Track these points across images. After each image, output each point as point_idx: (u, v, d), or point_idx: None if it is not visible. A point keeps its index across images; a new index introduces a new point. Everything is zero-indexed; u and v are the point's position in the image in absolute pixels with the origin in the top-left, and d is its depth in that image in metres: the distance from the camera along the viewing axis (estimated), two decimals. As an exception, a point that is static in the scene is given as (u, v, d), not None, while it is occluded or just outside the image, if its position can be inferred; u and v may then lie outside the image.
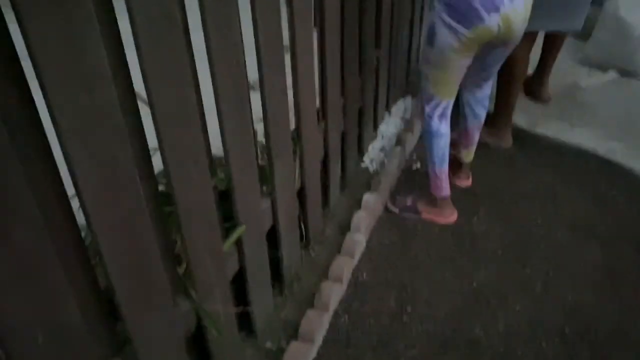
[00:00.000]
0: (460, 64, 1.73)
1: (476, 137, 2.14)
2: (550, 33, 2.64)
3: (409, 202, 2.10)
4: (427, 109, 1.89)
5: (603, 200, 2.21)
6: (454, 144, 2.13)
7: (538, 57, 2.78)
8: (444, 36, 1.65)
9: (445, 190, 2.01)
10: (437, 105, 1.86)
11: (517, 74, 2.35)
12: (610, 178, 2.34)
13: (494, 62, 1.87)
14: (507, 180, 2.34)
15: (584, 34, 3.07)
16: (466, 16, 1.58)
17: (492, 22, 1.59)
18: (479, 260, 1.92)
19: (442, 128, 1.90)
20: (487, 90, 2.04)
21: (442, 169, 1.96)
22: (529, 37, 2.14)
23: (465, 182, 2.28)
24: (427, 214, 2.07)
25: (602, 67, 3.21)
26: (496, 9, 1.57)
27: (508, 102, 2.46)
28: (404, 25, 2.61)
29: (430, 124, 1.90)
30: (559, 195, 2.24)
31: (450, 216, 2.07)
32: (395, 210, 2.11)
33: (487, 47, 1.72)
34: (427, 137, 1.95)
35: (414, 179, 2.33)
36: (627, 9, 3.00)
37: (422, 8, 2.87)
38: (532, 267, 1.88)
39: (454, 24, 1.61)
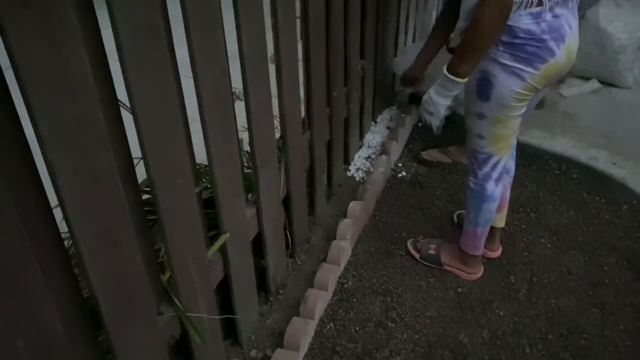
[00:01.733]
0: (521, 112, 1.49)
1: (508, 196, 1.87)
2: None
3: (432, 250, 1.91)
4: (483, 171, 1.61)
5: (585, 208, 2.25)
6: None
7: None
8: (505, 84, 1.40)
9: (481, 249, 1.81)
10: (495, 166, 1.60)
11: None
12: (593, 185, 2.38)
13: (534, 101, 1.61)
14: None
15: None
16: (535, 54, 1.35)
17: (561, 54, 1.37)
18: (464, 267, 1.93)
19: (497, 191, 1.66)
20: (515, 139, 1.69)
21: (485, 231, 1.76)
22: None
23: (495, 253, 1.96)
24: (451, 267, 1.89)
25: (584, 77, 3.27)
26: (562, 39, 1.36)
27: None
28: (389, 35, 2.64)
29: (486, 187, 1.64)
30: (542, 202, 2.27)
31: (477, 273, 1.87)
32: (416, 255, 1.94)
33: None
34: (477, 199, 1.68)
35: (400, 188, 2.34)
36: (606, 20, 3.06)
37: (407, 18, 2.91)
38: (516, 275, 1.90)
39: (519, 66, 1.36)
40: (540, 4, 1.31)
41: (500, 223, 1.90)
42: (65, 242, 0.89)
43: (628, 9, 3.07)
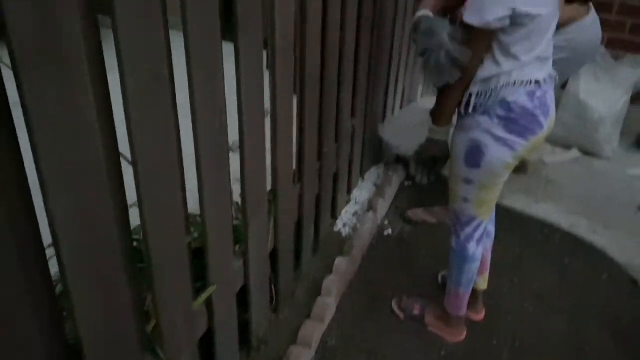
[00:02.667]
0: (505, 179, 1.56)
1: (489, 258, 1.90)
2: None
3: (416, 310, 1.93)
4: (465, 231, 1.66)
5: (567, 273, 2.27)
6: None
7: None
8: (496, 154, 1.45)
9: (464, 309, 1.83)
10: (478, 227, 1.65)
11: None
12: (575, 252, 2.42)
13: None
14: (475, 250, 2.38)
15: (548, 114, 3.24)
16: (527, 127, 1.43)
17: (546, 127, 1.47)
18: (448, 329, 1.92)
19: (478, 252, 1.70)
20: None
21: (468, 291, 1.78)
22: None
23: (479, 315, 1.97)
24: (434, 328, 1.89)
25: (566, 145, 3.38)
26: (548, 113, 1.46)
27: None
28: (379, 96, 2.73)
29: (467, 248, 1.68)
30: (525, 266, 2.30)
31: (460, 334, 1.87)
32: (400, 314, 1.95)
33: None
34: (459, 260, 1.71)
35: (386, 245, 2.35)
36: (587, 93, 3.20)
37: (397, 80, 3.02)
38: (499, 338, 1.89)
39: (512, 138, 1.43)
40: (537, 83, 1.41)
41: (483, 285, 1.91)
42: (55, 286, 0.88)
43: (607, 84, 3.21)
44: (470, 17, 1.34)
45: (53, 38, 0.71)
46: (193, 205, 1.25)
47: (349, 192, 2.57)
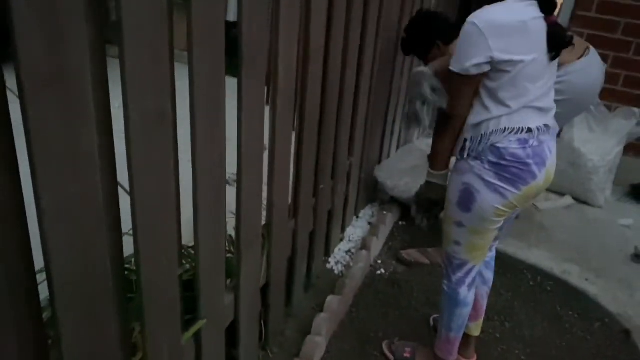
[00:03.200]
0: (499, 225, 1.55)
1: (485, 305, 1.86)
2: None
3: (407, 353, 1.90)
4: (457, 276, 1.65)
5: (559, 322, 2.26)
6: None
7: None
8: (487, 200, 1.45)
9: (454, 354, 1.80)
10: (469, 272, 1.63)
11: None
12: (566, 299, 2.41)
13: (513, 217, 1.69)
14: (467, 294, 2.37)
15: (542, 160, 3.28)
16: (519, 176, 1.42)
17: (541, 177, 1.45)
18: (438, 373, 1.89)
19: (470, 297, 1.68)
20: (494, 250, 1.82)
21: (458, 336, 1.76)
22: None
23: None
24: None
25: (559, 192, 3.41)
26: (544, 163, 1.45)
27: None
28: (376, 135, 2.76)
29: (459, 292, 1.66)
30: (517, 312, 2.28)
31: None
32: (390, 357, 1.92)
33: None
34: (449, 304, 1.69)
35: (378, 285, 2.34)
36: (581, 141, 3.25)
37: (394, 121, 3.06)
38: (490, 385, 1.87)
39: (503, 185, 1.43)
40: (529, 131, 1.42)
41: (476, 332, 1.88)
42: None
43: (600, 133, 3.27)
44: (453, 64, 1.42)
45: (61, 67, 0.72)
46: (187, 237, 1.25)
47: (343, 229, 2.57)
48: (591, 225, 3.13)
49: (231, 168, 1.34)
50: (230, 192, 1.35)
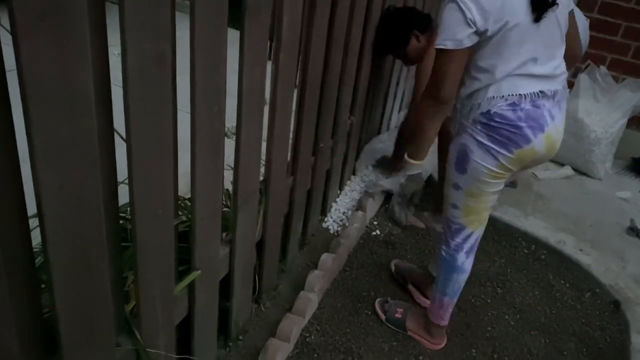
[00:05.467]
0: (496, 189, 1.55)
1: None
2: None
3: (398, 314, 1.91)
4: (455, 241, 1.65)
5: (550, 290, 2.28)
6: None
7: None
8: (479, 161, 1.46)
9: (446, 320, 1.81)
10: (467, 238, 1.64)
11: None
12: (559, 269, 2.43)
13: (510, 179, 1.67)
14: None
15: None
16: (510, 138, 1.41)
17: (539, 143, 1.43)
18: (427, 334, 1.92)
19: (467, 264, 1.69)
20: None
21: (452, 302, 1.76)
22: None
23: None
24: (415, 334, 1.88)
25: (559, 162, 3.39)
26: (541, 129, 1.42)
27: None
28: (378, 97, 2.72)
29: (456, 258, 1.67)
30: (509, 279, 2.30)
31: (440, 343, 1.86)
32: (382, 316, 1.93)
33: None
34: (447, 269, 1.70)
35: (372, 246, 2.35)
36: (585, 111, 3.22)
37: (398, 83, 3.01)
38: (478, 349, 1.90)
39: (494, 146, 1.43)
40: (520, 96, 1.41)
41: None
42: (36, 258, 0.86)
43: (605, 104, 3.23)
44: (442, 41, 1.38)
45: (56, 1, 0.69)
46: (184, 189, 1.23)
47: (340, 189, 2.56)
48: (589, 197, 3.13)
49: (231, 123, 1.32)
50: (229, 146, 1.33)
